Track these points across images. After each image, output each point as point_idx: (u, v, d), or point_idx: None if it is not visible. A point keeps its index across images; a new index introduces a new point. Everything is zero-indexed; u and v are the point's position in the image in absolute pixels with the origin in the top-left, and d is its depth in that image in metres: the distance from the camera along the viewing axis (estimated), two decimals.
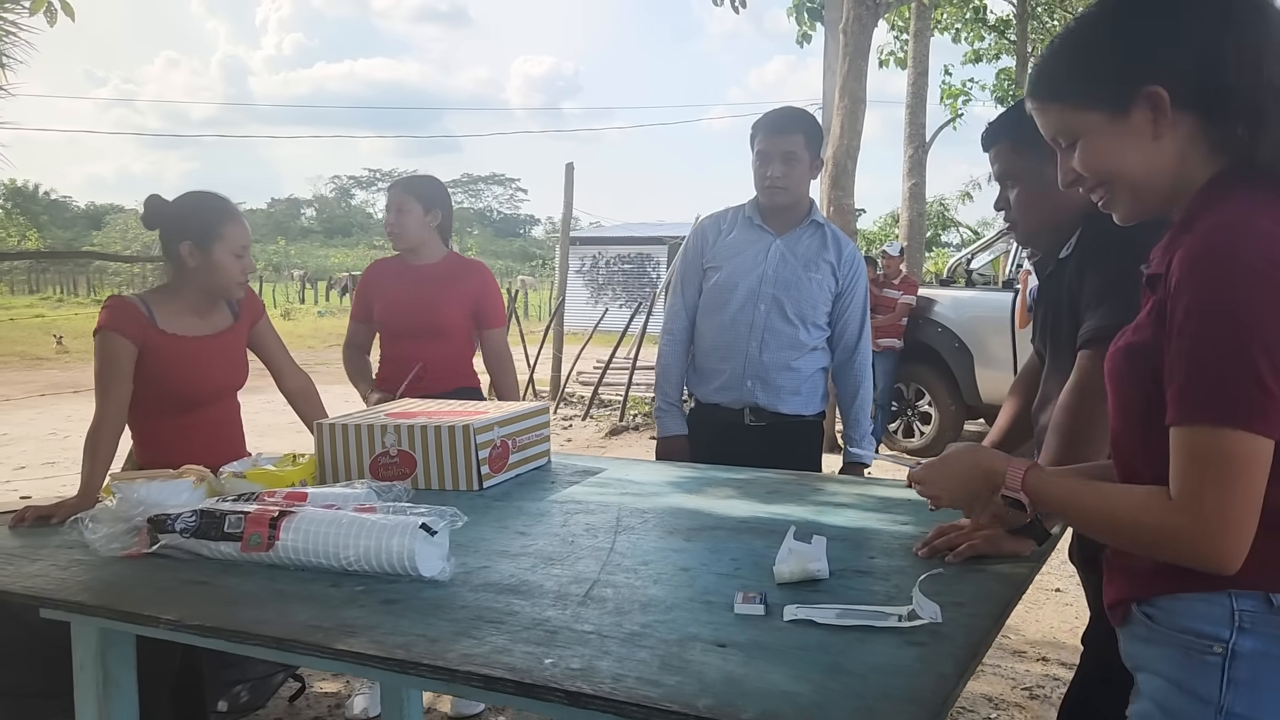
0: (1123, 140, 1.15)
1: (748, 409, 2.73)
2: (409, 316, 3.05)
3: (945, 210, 22.68)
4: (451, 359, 3.11)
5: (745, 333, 2.72)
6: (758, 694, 1.04)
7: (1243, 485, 1.02)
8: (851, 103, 8.24)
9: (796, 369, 2.71)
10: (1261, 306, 1.02)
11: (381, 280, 3.15)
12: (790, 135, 2.64)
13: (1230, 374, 1.02)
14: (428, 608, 1.33)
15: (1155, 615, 1.15)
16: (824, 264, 2.71)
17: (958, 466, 1.40)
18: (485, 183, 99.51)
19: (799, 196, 2.71)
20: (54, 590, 1.45)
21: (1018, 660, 3.51)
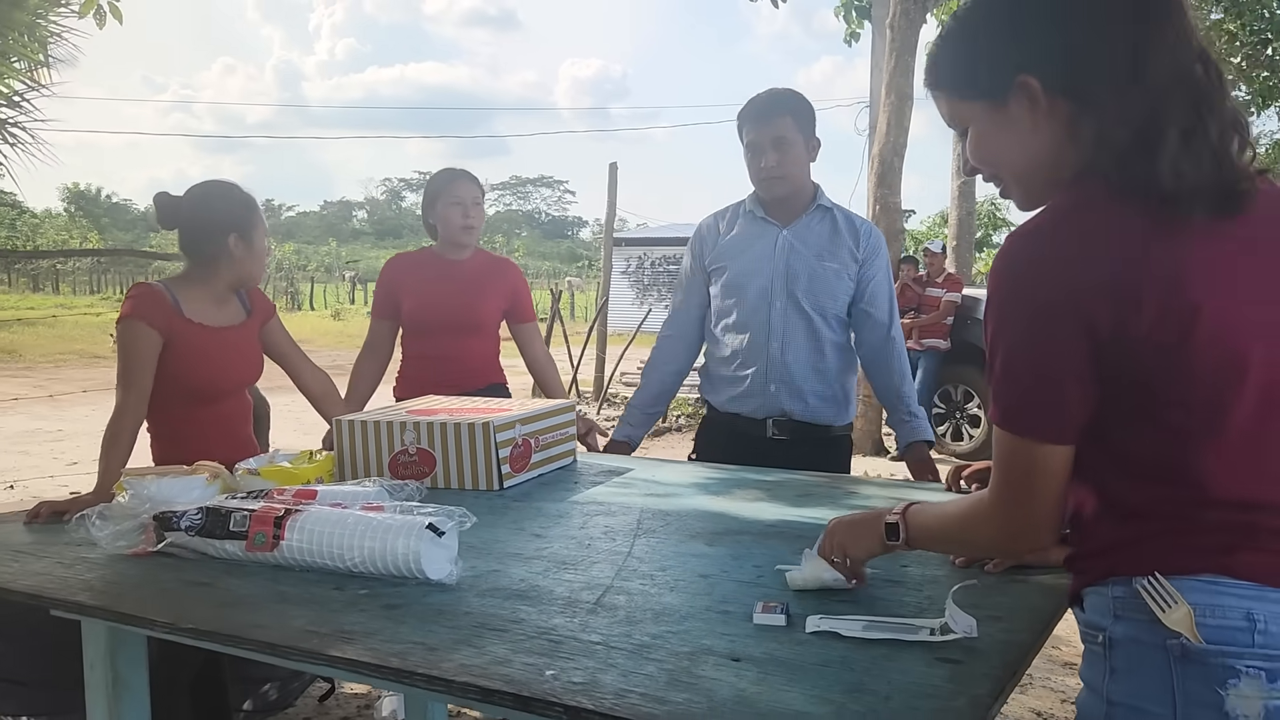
0: (1004, 131, 1.13)
1: (771, 420, 2.50)
2: (444, 311, 2.96)
3: (996, 210, 22.28)
4: (485, 355, 3.05)
5: (763, 334, 2.50)
6: (771, 714, 0.96)
7: (1039, 485, 1.05)
8: (898, 99, 8.09)
9: (823, 370, 2.50)
10: (1017, 314, 1.03)
11: (409, 275, 3.05)
12: (778, 118, 2.43)
13: (1023, 387, 1.04)
14: (430, 613, 1.27)
15: (1077, 613, 1.12)
16: (839, 250, 2.50)
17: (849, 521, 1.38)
18: (533, 185, 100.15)
19: (799, 183, 2.50)
20: (55, 589, 1.41)
21: (1068, 673, 3.38)
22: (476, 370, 2.99)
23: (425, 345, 2.99)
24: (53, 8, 5.37)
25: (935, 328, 7.85)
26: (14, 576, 1.47)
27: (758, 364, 2.50)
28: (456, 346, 2.96)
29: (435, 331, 2.97)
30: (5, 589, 1.44)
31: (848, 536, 1.34)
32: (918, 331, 7.79)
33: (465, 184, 3.01)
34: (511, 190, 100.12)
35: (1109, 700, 1.03)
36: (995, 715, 1.02)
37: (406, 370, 3.04)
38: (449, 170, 3.07)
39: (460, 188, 2.99)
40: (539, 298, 35.28)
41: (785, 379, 2.48)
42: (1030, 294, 1.02)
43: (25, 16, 4.96)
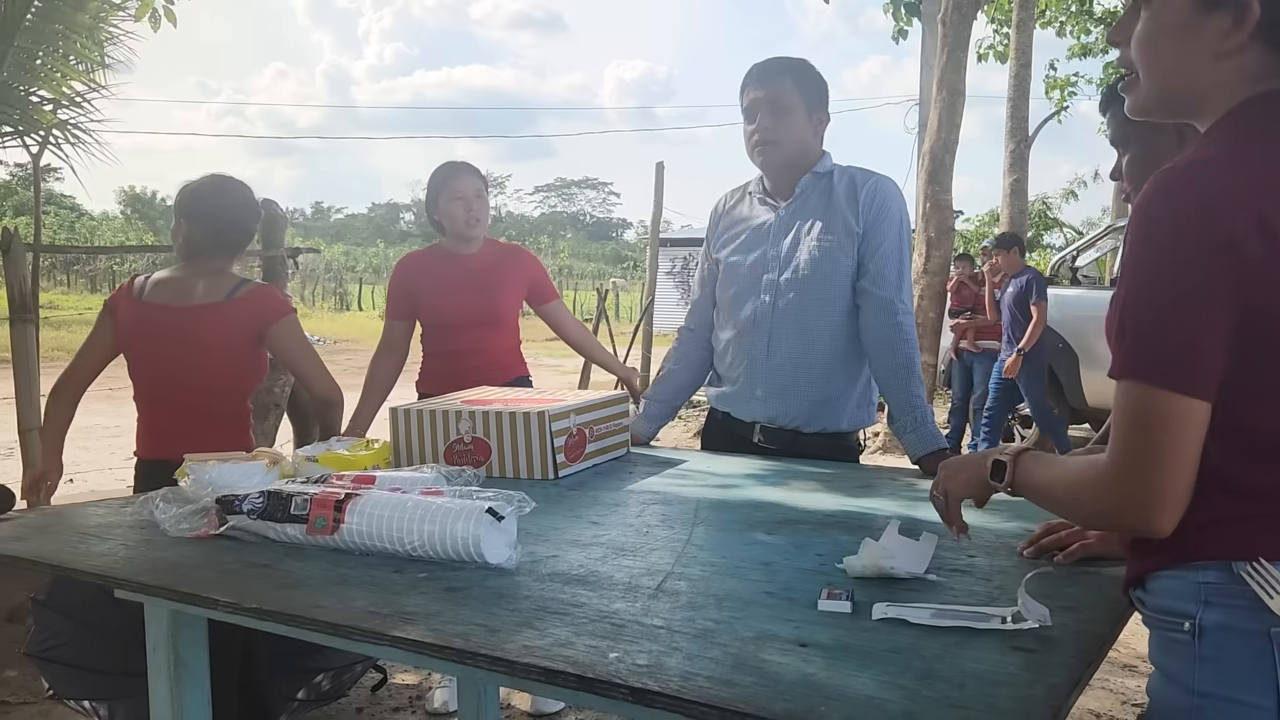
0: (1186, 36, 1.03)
1: (757, 425, 2.26)
2: (464, 307, 2.93)
3: (1048, 209, 21.91)
4: (506, 348, 3.04)
5: (749, 331, 2.24)
6: (840, 699, 0.94)
7: (1170, 446, 0.95)
8: (950, 95, 8.00)
9: (817, 370, 2.19)
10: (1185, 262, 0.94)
11: (422, 273, 3.00)
12: (777, 82, 2.20)
13: (1156, 333, 0.96)
14: (490, 596, 1.26)
15: (1144, 599, 1.07)
16: (834, 220, 2.17)
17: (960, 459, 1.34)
18: (578, 187, 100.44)
19: (796, 153, 2.22)
20: (119, 570, 1.43)
21: (1128, 675, 3.30)
22: (499, 364, 2.96)
23: (445, 342, 2.96)
24: (112, 11, 5.48)
25: (993, 329, 7.60)
26: (81, 557, 1.49)
27: (744, 364, 2.27)
28: (477, 341, 2.94)
29: (454, 328, 2.94)
30: (73, 569, 1.46)
31: (949, 471, 1.31)
32: (973, 333, 7.61)
33: (466, 177, 2.96)
34: (556, 192, 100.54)
35: (1197, 691, 0.97)
36: (1072, 704, 0.99)
37: (429, 367, 3.00)
38: (449, 164, 3.02)
39: (461, 182, 2.95)
40: (583, 299, 35.27)
41: (769, 381, 2.23)
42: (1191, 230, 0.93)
43: (87, 19, 5.06)
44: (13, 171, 27.60)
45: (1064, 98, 15.85)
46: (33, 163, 6.01)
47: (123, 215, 56.72)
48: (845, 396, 2.24)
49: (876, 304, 2.15)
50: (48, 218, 30.18)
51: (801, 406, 2.22)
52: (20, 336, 4.19)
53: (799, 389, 2.21)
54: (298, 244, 5.68)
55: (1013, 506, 1.72)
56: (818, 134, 2.26)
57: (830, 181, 2.23)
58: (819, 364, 2.20)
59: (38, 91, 5.21)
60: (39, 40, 4.89)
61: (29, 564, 1.51)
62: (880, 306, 2.15)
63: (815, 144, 2.27)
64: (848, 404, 2.25)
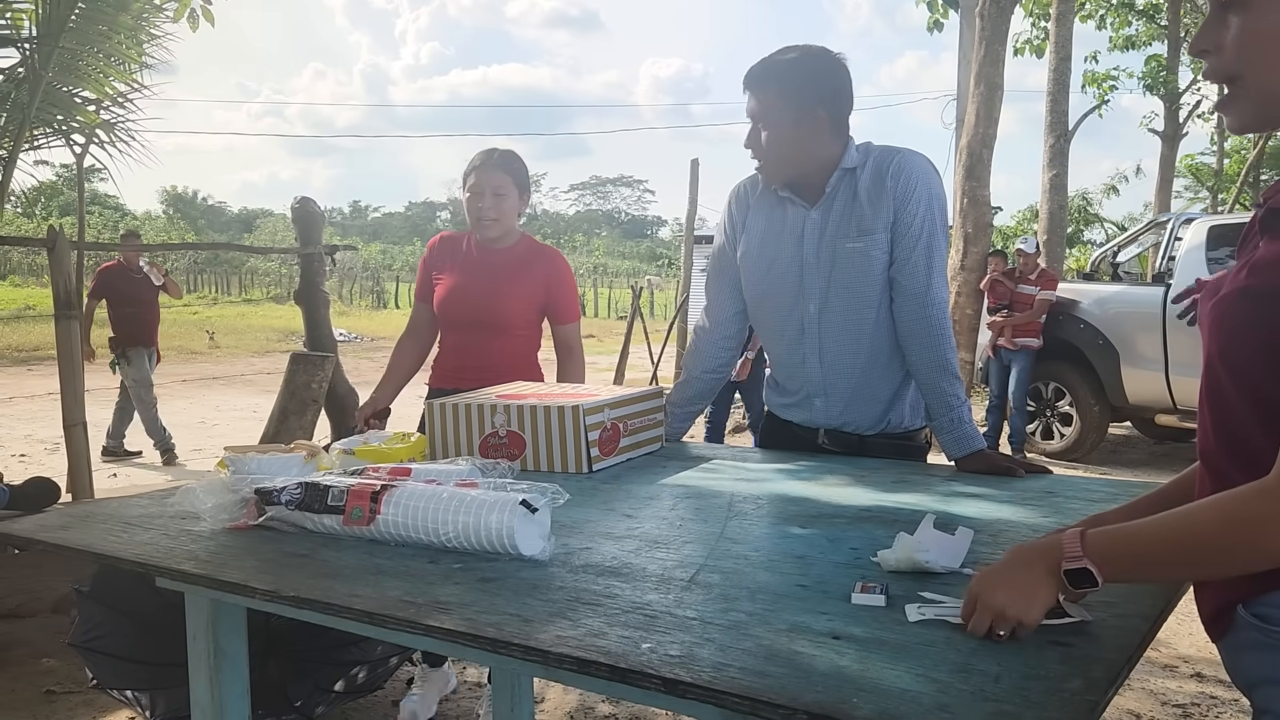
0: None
1: (823, 430, 2.20)
2: (466, 306, 2.75)
3: (1088, 205, 21.62)
4: (515, 356, 2.78)
5: (798, 342, 2.16)
6: (874, 691, 0.93)
7: None
8: (988, 89, 7.92)
9: (874, 372, 2.13)
10: None
11: (447, 258, 2.82)
12: (761, 89, 2.06)
13: None
14: (524, 587, 1.27)
15: (1271, 615, 1.00)
16: (864, 218, 2.06)
17: (1007, 568, 1.10)
18: (613, 184, 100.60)
19: (798, 162, 2.08)
20: (160, 558, 1.45)
21: (1168, 676, 3.25)
22: (505, 373, 2.65)
23: (450, 337, 2.83)
24: (154, 12, 5.57)
25: (1029, 326, 7.55)
26: (124, 546, 1.51)
27: (797, 376, 2.20)
28: (482, 344, 2.75)
29: (456, 325, 2.79)
30: (116, 558, 1.49)
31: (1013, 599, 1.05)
32: (1010, 330, 7.55)
33: (488, 170, 2.71)
34: (591, 190, 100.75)
35: None
36: (1110, 699, 0.98)
37: (441, 359, 2.88)
38: (482, 151, 2.79)
39: (483, 174, 2.71)
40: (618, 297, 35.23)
41: (829, 392, 2.15)
42: None
43: (129, 20, 5.15)
44: (59, 172, 28.14)
45: (1104, 91, 15.61)
46: (77, 162, 6.13)
47: (165, 215, 57.62)
48: (904, 391, 2.16)
49: (907, 297, 2.06)
50: (92, 217, 30.70)
51: (863, 411, 2.16)
52: (65, 332, 4.27)
53: (858, 394, 2.15)
54: (335, 242, 5.73)
55: (1051, 502, 1.71)
56: (824, 131, 2.06)
57: (853, 175, 2.09)
58: (874, 366, 2.13)
59: (81, 92, 5.31)
60: (83, 41, 4.98)
61: (74, 553, 1.54)
62: (910, 300, 2.06)
63: (828, 141, 2.08)
64: (906, 397, 2.17)
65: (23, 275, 33.58)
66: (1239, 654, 1.06)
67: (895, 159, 2.06)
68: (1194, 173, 20.06)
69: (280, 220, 53.95)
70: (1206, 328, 1.06)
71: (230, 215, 77.47)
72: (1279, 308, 0.96)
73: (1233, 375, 1.02)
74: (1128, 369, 7.18)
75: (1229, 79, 1.01)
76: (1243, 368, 1.00)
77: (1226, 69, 1.01)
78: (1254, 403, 1.00)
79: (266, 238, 47.45)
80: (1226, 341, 1.02)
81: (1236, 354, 1.01)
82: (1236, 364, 1.01)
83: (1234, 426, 1.03)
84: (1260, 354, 0.98)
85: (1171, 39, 16.18)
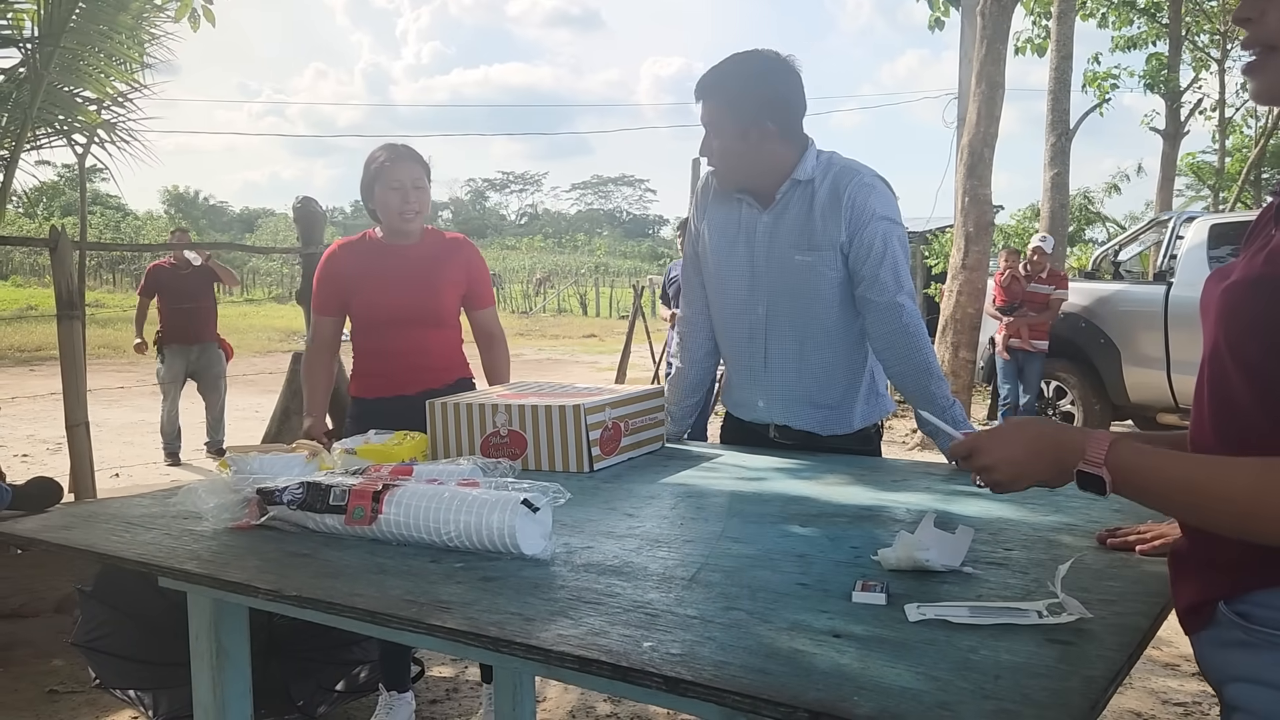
0: None
1: (773, 426, 2.23)
2: (398, 305, 2.68)
3: (1089, 204, 21.59)
4: (448, 348, 2.79)
5: (745, 342, 2.20)
6: (874, 689, 0.94)
7: None
8: (989, 88, 7.91)
9: (817, 378, 2.15)
10: None
11: (355, 266, 2.73)
12: (706, 100, 2.09)
13: None
14: (526, 586, 1.27)
15: (1255, 614, 1.00)
16: (814, 235, 2.07)
17: (1023, 433, 1.15)
18: (615, 184, 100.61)
19: (745, 171, 2.11)
20: (163, 558, 1.45)
21: (1169, 675, 3.25)
22: (440, 366, 2.74)
23: (380, 341, 2.73)
24: (154, 12, 5.58)
25: (1042, 326, 7.41)
26: (126, 546, 1.52)
27: (744, 375, 2.24)
28: (416, 341, 2.71)
29: (390, 326, 2.70)
30: (119, 558, 1.49)
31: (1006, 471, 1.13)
32: (1028, 331, 7.39)
33: (405, 165, 2.69)
34: (592, 189, 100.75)
35: None
36: (1110, 697, 0.98)
37: (363, 368, 2.78)
38: (389, 148, 2.74)
39: (400, 169, 2.68)
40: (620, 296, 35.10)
41: (774, 393, 2.19)
42: None
43: (129, 20, 5.15)
44: (60, 172, 28.15)
45: (1105, 90, 15.60)
46: (78, 162, 6.14)
47: (166, 214, 57.68)
48: (851, 398, 2.19)
49: (878, 311, 2.08)
50: (94, 217, 30.79)
51: (808, 415, 2.19)
52: (68, 333, 4.27)
53: (801, 399, 2.18)
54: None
55: (1051, 500, 1.71)
56: (772, 140, 2.06)
57: (810, 190, 2.09)
58: (818, 372, 2.16)
59: (82, 92, 5.32)
60: (83, 41, 4.98)
61: (77, 553, 1.54)
62: (883, 313, 2.07)
63: (778, 149, 2.08)
64: (855, 404, 2.20)
65: (24, 275, 33.62)
66: (1216, 650, 1.06)
67: (853, 182, 2.06)
68: (1195, 171, 20.03)
69: (282, 220, 54.01)
70: (1213, 314, 1.06)
71: (232, 215, 77.55)
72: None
73: (1241, 366, 1.01)
74: (1129, 368, 7.18)
75: (1268, 47, 1.03)
76: (1253, 358, 1.00)
77: (1267, 37, 1.02)
78: (1261, 394, 0.99)
79: (268, 237, 47.49)
80: (1237, 331, 1.02)
81: (1247, 344, 1.00)
82: (1247, 354, 1.01)
83: (1236, 415, 1.03)
84: (1269, 340, 0.98)
85: (1173, 37, 16.15)
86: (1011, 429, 1.17)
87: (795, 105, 2.09)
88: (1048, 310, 7.42)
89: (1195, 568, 1.08)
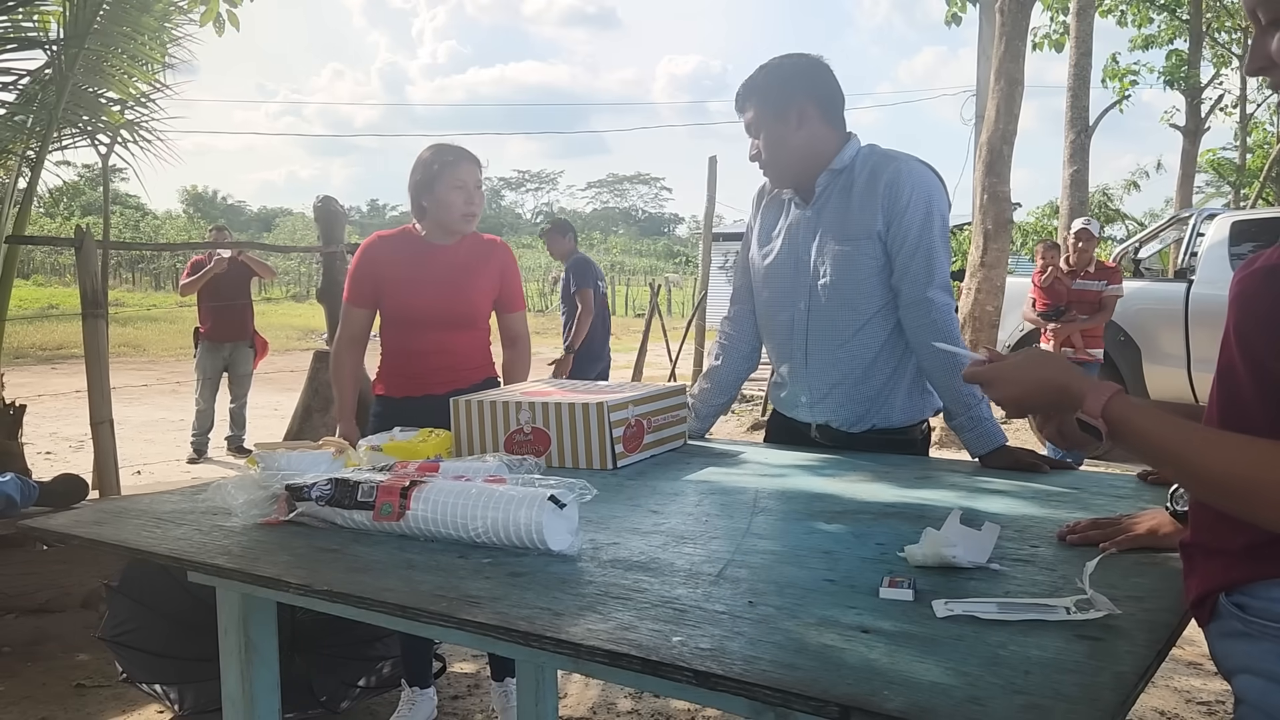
0: None
1: (815, 426, 2.24)
2: (432, 305, 2.69)
3: (1108, 201, 21.45)
4: (477, 348, 2.80)
5: (788, 341, 2.21)
6: (904, 684, 0.94)
7: None
8: (1008, 85, 7.87)
9: (857, 372, 2.14)
10: None
11: (391, 260, 2.74)
12: (744, 108, 2.17)
13: None
14: (554, 582, 1.28)
15: (1251, 605, 1.01)
16: (852, 223, 2.10)
17: (1032, 373, 1.23)
18: (630, 182, 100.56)
19: (795, 164, 2.14)
20: (193, 553, 1.47)
21: (1193, 673, 3.24)
22: (468, 366, 2.75)
23: (410, 340, 2.73)
24: (176, 13, 5.62)
25: (1096, 331, 6.38)
26: (157, 541, 1.54)
27: (786, 373, 2.25)
28: (446, 341, 2.71)
29: (421, 326, 2.71)
30: (150, 553, 1.51)
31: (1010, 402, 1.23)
32: (1081, 338, 6.39)
33: (470, 166, 2.72)
34: (609, 188, 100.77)
35: None
36: (1139, 693, 0.98)
37: (390, 367, 2.77)
38: (451, 148, 2.75)
39: (465, 170, 2.70)
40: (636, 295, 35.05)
41: (815, 390, 2.19)
42: None
43: (152, 21, 5.19)
44: (80, 172, 28.36)
45: (1124, 86, 15.49)
46: (102, 162, 6.20)
47: (185, 214, 58.03)
48: (893, 393, 2.18)
49: (908, 304, 2.10)
50: (114, 217, 30.98)
51: (848, 410, 2.18)
52: (92, 331, 4.31)
53: (842, 394, 2.17)
54: (355, 240, 5.78)
55: (1078, 499, 1.71)
56: (814, 122, 2.10)
57: (850, 177, 2.13)
58: (858, 366, 2.15)
59: (105, 93, 5.36)
60: (107, 42, 5.03)
61: (109, 548, 1.56)
62: (912, 307, 2.09)
63: (819, 135, 2.12)
64: (896, 399, 2.18)
65: (45, 275, 33.89)
66: (1221, 641, 1.07)
67: (892, 167, 2.08)
68: (1215, 168, 19.87)
69: (299, 219, 54.21)
70: (1230, 302, 1.07)
71: (250, 214, 77.95)
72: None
73: (1247, 358, 1.02)
74: (1149, 365, 7.14)
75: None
76: (1258, 352, 1.01)
77: None
78: (1264, 392, 1.00)
79: (286, 236, 47.68)
80: (1246, 320, 1.03)
81: (1254, 336, 1.02)
82: (1252, 347, 1.02)
83: (1240, 407, 1.03)
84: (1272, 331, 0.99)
85: (1194, 33, 16.04)
86: (1026, 364, 1.25)
87: (831, 88, 2.15)
88: (1101, 311, 6.42)
89: (1203, 558, 1.09)
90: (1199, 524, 1.10)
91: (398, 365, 2.76)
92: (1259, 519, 0.97)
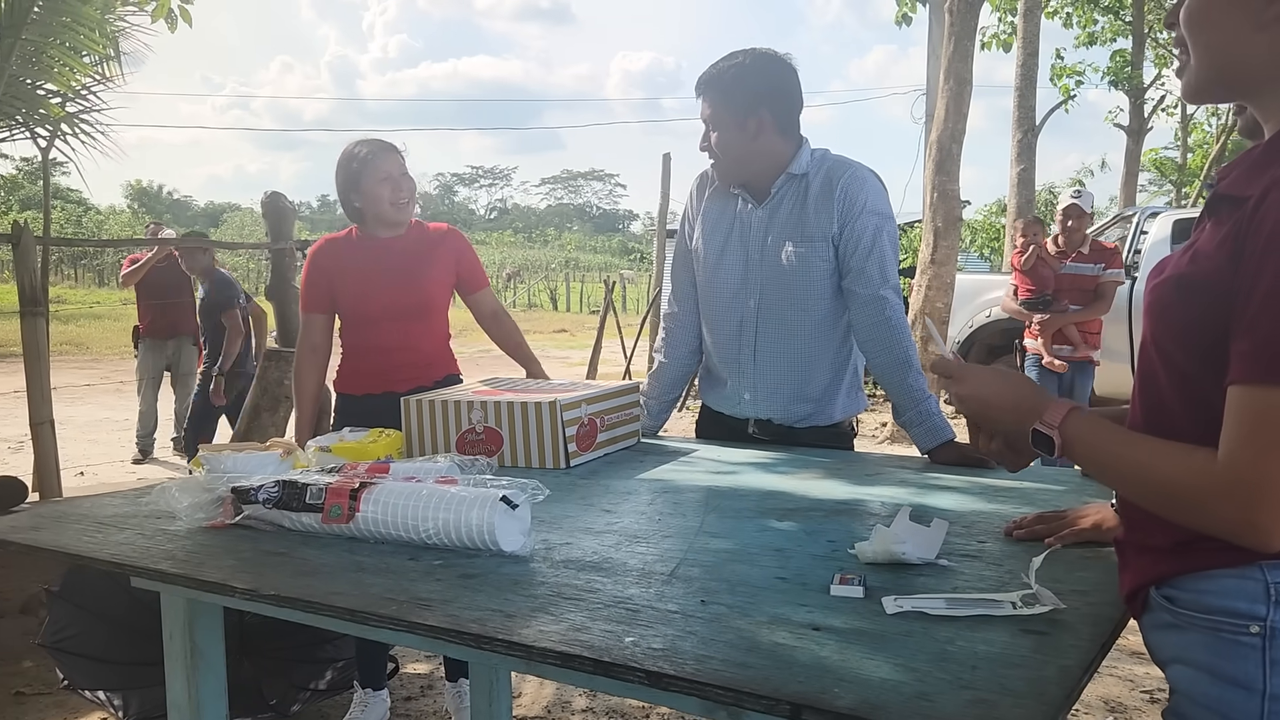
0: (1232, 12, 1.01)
1: (752, 421, 2.28)
2: (386, 297, 2.67)
3: (1055, 199, 21.85)
4: (436, 342, 2.77)
5: (734, 336, 2.24)
6: (855, 681, 0.95)
7: None
8: (957, 84, 7.98)
9: (803, 371, 2.20)
10: None
11: (341, 260, 2.71)
12: (704, 98, 2.16)
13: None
14: (506, 583, 1.27)
15: (1178, 598, 1.04)
16: (808, 226, 2.13)
17: (996, 383, 1.24)
18: (585, 178, 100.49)
19: (746, 164, 2.16)
20: (136, 558, 1.44)
21: (1137, 662, 3.31)
22: (427, 361, 2.72)
23: (368, 336, 2.70)
24: (121, 5, 5.49)
25: (1095, 325, 5.38)
26: (99, 547, 1.50)
27: (731, 368, 2.27)
28: (404, 335, 2.69)
29: (378, 321, 2.68)
30: (91, 558, 1.47)
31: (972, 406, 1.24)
32: (1079, 333, 5.37)
33: (390, 155, 2.68)
34: (563, 184, 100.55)
35: (1271, 695, 0.96)
36: (1085, 686, 1.00)
37: (350, 367, 2.75)
38: (366, 142, 2.72)
39: (385, 161, 2.66)
40: (590, 291, 35.02)
41: (761, 386, 2.23)
42: None
43: (94, 12, 5.07)
44: (19, 166, 27.64)
45: (1068, 87, 15.79)
46: (41, 155, 6.05)
47: (130, 209, 56.87)
48: (834, 392, 2.24)
49: (862, 303, 2.14)
50: (55, 212, 30.27)
51: (792, 408, 2.23)
52: (31, 329, 4.20)
53: (787, 392, 2.22)
54: (304, 237, 5.69)
55: (1023, 494, 1.74)
56: (769, 132, 2.13)
57: (804, 183, 2.16)
58: (804, 366, 2.20)
59: (44, 85, 5.23)
60: (46, 33, 4.90)
61: (47, 554, 1.52)
62: (866, 305, 2.13)
63: (774, 145, 2.15)
64: (837, 398, 2.25)
65: None
66: (1153, 632, 1.10)
67: (847, 174, 2.14)
68: (1158, 167, 20.33)
69: (248, 215, 53.40)
70: (1145, 310, 1.10)
71: (196, 209, 76.67)
72: (1206, 299, 0.98)
73: (1167, 366, 1.05)
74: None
75: (1182, 47, 1.08)
76: (1178, 361, 1.03)
77: (1183, 39, 1.08)
78: (1187, 400, 1.03)
79: (233, 233, 46.94)
80: (1161, 330, 1.05)
81: (1170, 345, 1.04)
82: (1171, 355, 1.04)
83: (1165, 415, 1.06)
84: (1189, 342, 1.01)
85: (1136, 34, 16.37)
86: (993, 377, 1.25)
87: (792, 99, 2.16)
88: (1099, 300, 5.35)
89: (1134, 553, 1.12)
90: (1131, 522, 1.13)
91: (357, 363, 2.73)
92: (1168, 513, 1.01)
